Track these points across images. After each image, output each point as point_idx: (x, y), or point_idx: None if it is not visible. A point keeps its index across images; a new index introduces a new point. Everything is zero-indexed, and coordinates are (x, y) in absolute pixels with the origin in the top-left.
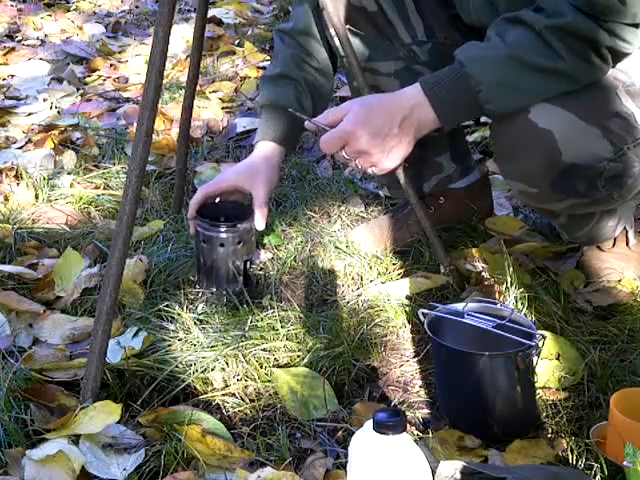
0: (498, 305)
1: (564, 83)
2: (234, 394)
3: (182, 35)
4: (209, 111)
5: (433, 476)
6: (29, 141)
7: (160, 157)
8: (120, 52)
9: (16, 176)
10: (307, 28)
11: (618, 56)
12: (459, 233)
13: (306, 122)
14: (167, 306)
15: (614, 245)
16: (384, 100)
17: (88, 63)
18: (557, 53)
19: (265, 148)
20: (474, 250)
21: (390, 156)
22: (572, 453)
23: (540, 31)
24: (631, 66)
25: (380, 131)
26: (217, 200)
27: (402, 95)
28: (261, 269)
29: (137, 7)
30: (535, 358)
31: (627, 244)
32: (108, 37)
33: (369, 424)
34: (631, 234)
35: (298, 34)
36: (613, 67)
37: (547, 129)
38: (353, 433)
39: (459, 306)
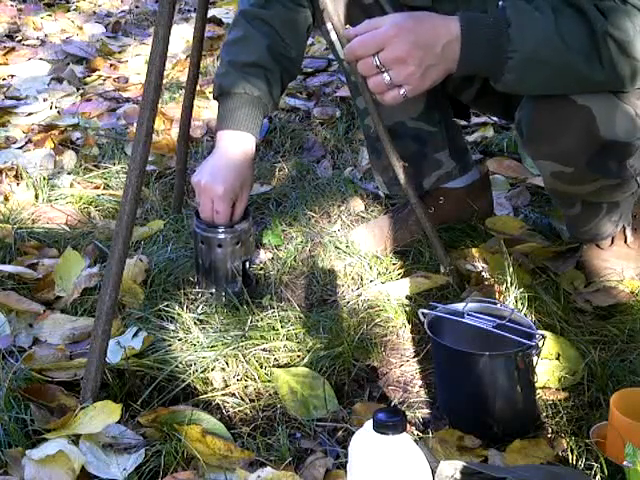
0: (498, 305)
1: (588, 88)
2: (234, 394)
3: (182, 35)
4: (209, 111)
5: (433, 476)
6: (29, 141)
7: (160, 157)
8: (120, 52)
9: (16, 176)
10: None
11: None
12: (459, 233)
13: (345, 31)
14: (167, 306)
15: (612, 243)
16: (432, 19)
17: (88, 63)
18: (601, 62)
19: (245, 142)
20: (474, 250)
21: (426, 74)
22: (572, 453)
23: (597, 33)
24: None
25: (423, 43)
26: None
27: (446, 22)
28: (261, 269)
29: (137, 7)
30: (535, 358)
31: (625, 241)
32: (108, 37)
33: (369, 424)
34: (629, 231)
35: (275, 19)
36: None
37: (585, 105)
38: (353, 433)
39: (459, 306)
